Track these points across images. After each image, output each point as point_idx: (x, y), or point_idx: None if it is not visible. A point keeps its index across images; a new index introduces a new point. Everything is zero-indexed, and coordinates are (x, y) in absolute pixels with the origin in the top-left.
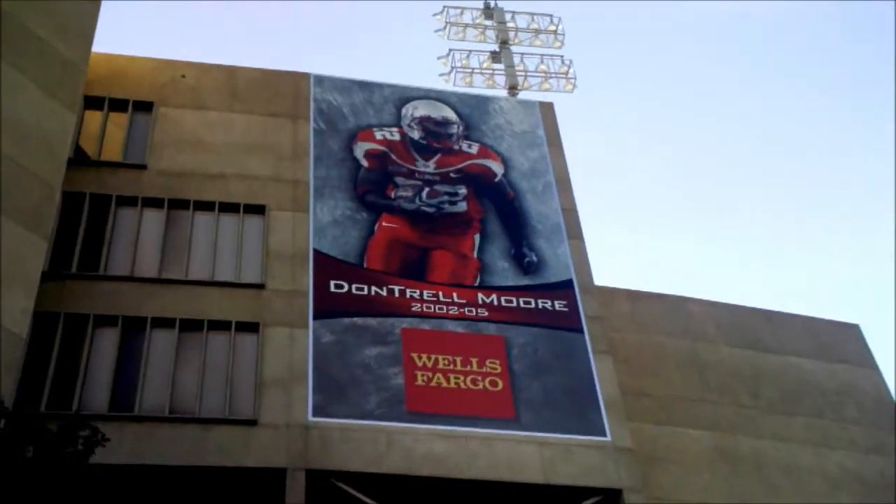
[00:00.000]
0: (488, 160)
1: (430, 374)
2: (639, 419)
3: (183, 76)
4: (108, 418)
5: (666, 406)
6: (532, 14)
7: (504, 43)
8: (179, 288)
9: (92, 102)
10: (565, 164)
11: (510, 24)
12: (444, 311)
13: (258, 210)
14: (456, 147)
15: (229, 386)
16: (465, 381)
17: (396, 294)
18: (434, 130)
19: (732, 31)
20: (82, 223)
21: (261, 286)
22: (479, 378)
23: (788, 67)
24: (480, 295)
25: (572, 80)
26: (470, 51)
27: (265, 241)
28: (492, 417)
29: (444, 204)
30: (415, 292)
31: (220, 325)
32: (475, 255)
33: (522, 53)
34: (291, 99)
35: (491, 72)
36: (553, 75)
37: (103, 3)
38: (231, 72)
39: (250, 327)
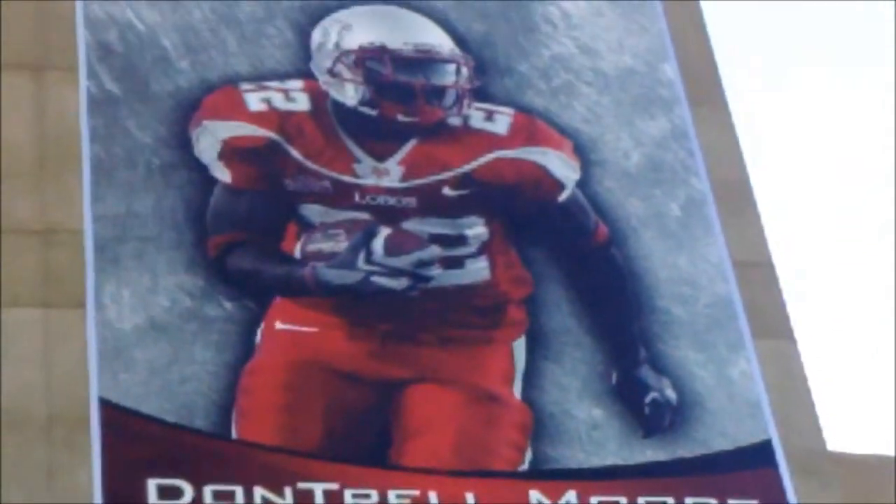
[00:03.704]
0: (538, 150)
1: None
2: None
3: None
4: None
5: None
6: None
7: None
8: None
9: None
10: (738, 148)
11: None
12: None
13: None
14: (455, 121)
15: None
16: None
17: (320, 502)
18: (398, 83)
19: None
20: None
21: None
22: None
23: None
24: (536, 495)
25: None
26: None
27: None
28: None
29: (427, 268)
30: (367, 496)
31: None
32: (516, 391)
33: None
34: (32, 24)
35: None
36: None
37: None
38: None
39: None
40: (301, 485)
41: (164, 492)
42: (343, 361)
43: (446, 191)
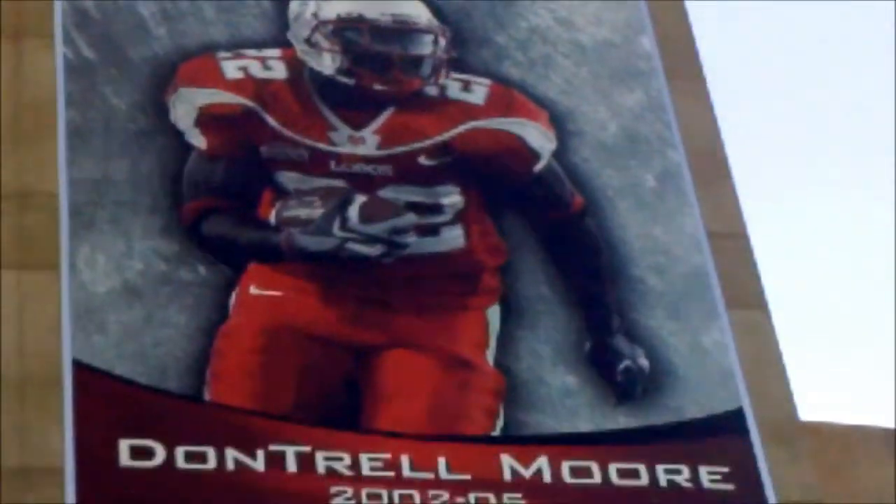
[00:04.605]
0: (515, 120)
1: None
2: None
3: None
4: None
5: None
6: None
7: None
8: None
9: None
10: (713, 120)
11: None
12: (417, 502)
13: None
14: (431, 91)
15: None
16: None
17: (291, 465)
18: (376, 53)
19: None
20: None
21: None
22: None
23: None
24: (508, 460)
25: None
26: None
27: None
28: None
29: (402, 235)
30: (339, 459)
31: None
32: (490, 358)
33: None
34: None
35: None
36: None
37: None
38: None
39: None
40: (273, 447)
41: (136, 452)
42: (317, 326)
43: (422, 160)
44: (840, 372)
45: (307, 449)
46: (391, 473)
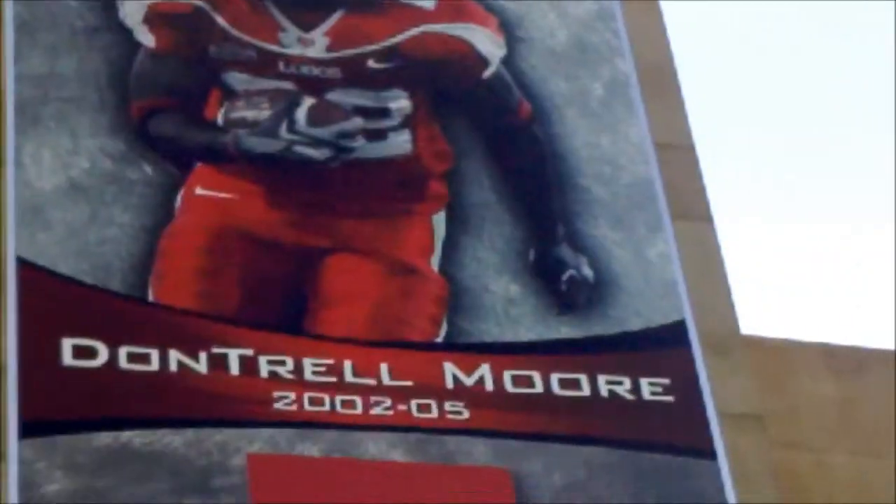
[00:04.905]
0: (465, 25)
1: None
2: None
3: None
4: None
5: None
6: None
7: None
8: None
9: None
10: (663, 32)
11: None
12: (359, 408)
13: None
14: None
15: None
16: None
17: (234, 368)
18: None
19: None
20: None
21: None
22: None
23: None
24: (450, 367)
25: None
26: None
27: None
28: None
29: (350, 138)
30: (282, 363)
31: None
32: (434, 264)
33: None
34: None
35: None
36: None
37: None
38: None
39: None
40: (216, 349)
41: (78, 352)
42: (262, 229)
43: (371, 63)
44: (782, 287)
45: (250, 352)
46: (333, 379)
